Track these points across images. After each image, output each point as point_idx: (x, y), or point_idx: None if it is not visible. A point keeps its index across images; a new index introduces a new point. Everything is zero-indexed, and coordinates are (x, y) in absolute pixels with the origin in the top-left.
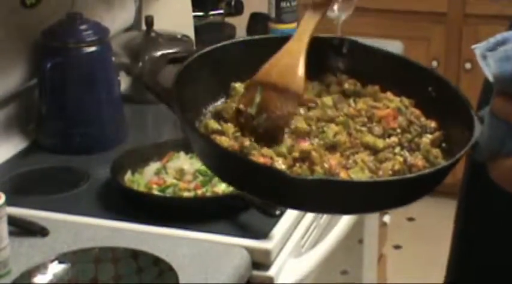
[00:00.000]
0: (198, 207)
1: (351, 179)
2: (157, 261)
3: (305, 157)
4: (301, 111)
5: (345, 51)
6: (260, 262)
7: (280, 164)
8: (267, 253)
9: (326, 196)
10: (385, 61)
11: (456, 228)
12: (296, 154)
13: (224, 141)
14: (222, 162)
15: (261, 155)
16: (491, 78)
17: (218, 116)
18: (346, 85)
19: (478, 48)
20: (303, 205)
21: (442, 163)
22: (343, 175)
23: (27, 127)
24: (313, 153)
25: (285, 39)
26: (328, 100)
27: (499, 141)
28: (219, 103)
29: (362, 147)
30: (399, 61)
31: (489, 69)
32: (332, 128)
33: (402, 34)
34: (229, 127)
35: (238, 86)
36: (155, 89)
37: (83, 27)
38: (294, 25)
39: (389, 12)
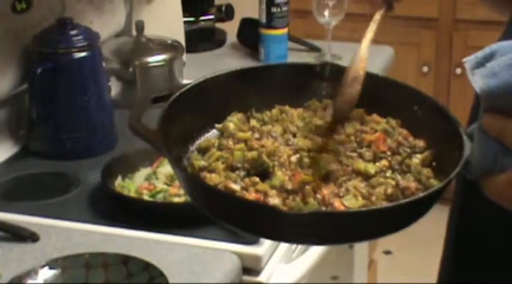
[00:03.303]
0: (189, 212)
1: (347, 209)
2: (147, 266)
3: (298, 189)
4: (289, 143)
5: (327, 75)
6: (251, 267)
7: (274, 199)
8: (257, 258)
9: (323, 228)
10: (367, 82)
11: (448, 236)
12: (289, 186)
13: (215, 179)
14: (212, 201)
15: (255, 191)
16: (479, 93)
17: (202, 152)
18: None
19: (468, 62)
20: (300, 239)
21: (434, 183)
22: (337, 204)
23: (17, 133)
24: (307, 187)
25: (264, 68)
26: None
27: (491, 158)
28: (205, 137)
29: (354, 174)
30: (381, 81)
31: (477, 85)
32: (324, 158)
33: (393, 39)
34: (218, 165)
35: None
36: (141, 132)
37: (74, 32)
38: (284, 30)
39: None
